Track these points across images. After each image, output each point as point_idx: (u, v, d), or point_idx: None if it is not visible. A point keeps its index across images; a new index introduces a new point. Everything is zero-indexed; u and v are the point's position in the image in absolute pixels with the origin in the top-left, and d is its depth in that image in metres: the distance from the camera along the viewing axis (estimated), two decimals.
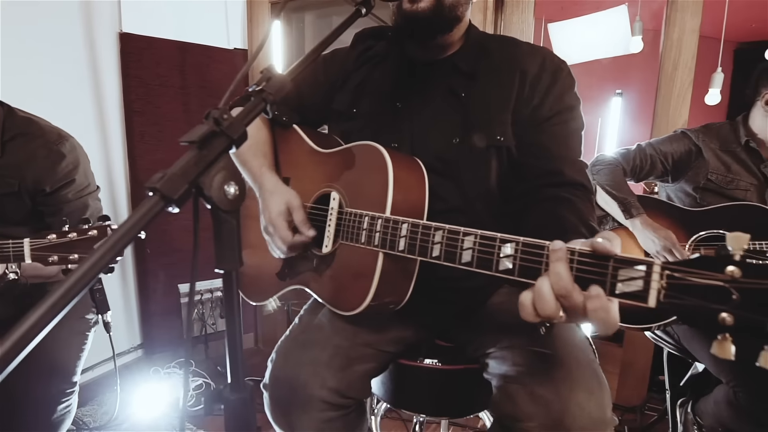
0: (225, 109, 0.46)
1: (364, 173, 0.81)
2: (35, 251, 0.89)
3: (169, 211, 0.41)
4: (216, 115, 0.44)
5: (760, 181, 1.28)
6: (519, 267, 0.58)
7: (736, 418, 1.13)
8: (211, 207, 0.45)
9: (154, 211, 0.39)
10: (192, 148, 0.44)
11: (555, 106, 0.84)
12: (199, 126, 0.45)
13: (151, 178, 0.41)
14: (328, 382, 0.78)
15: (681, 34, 1.75)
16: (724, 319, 0.45)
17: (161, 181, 0.39)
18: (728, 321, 0.45)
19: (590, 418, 0.65)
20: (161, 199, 0.40)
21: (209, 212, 0.48)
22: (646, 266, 0.49)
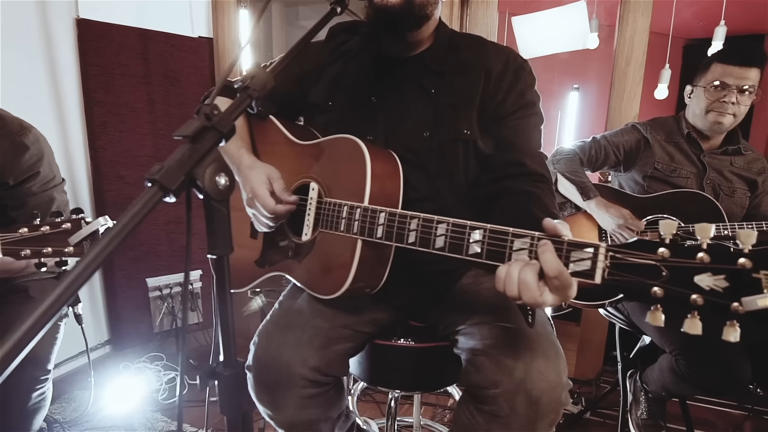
0: (215, 105, 0.49)
1: (342, 165, 0.85)
2: (6, 245, 0.87)
3: (165, 201, 0.44)
4: (207, 111, 0.47)
5: (699, 169, 1.41)
6: (486, 251, 0.64)
7: (678, 382, 1.27)
8: (203, 197, 0.48)
9: (153, 201, 0.42)
10: (185, 142, 0.47)
11: (517, 102, 0.90)
12: (191, 121, 0.48)
13: (150, 170, 0.43)
14: (309, 360, 0.83)
15: (633, 33, 1.88)
16: (655, 292, 0.53)
17: (160, 173, 0.42)
18: (659, 293, 0.53)
19: (548, 381, 0.73)
20: (160, 189, 0.42)
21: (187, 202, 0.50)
22: (593, 248, 0.57)
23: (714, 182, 1.39)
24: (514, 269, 0.60)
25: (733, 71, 1.29)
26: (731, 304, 0.48)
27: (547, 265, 0.58)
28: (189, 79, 2.27)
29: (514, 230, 0.63)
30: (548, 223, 0.60)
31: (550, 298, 0.58)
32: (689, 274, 0.51)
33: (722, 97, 1.30)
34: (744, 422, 1.77)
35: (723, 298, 0.49)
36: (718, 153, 1.42)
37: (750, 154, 1.42)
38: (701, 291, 0.50)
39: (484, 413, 0.78)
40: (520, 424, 0.74)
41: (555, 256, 0.58)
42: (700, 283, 0.51)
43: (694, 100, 1.39)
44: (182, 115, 2.28)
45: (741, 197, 1.39)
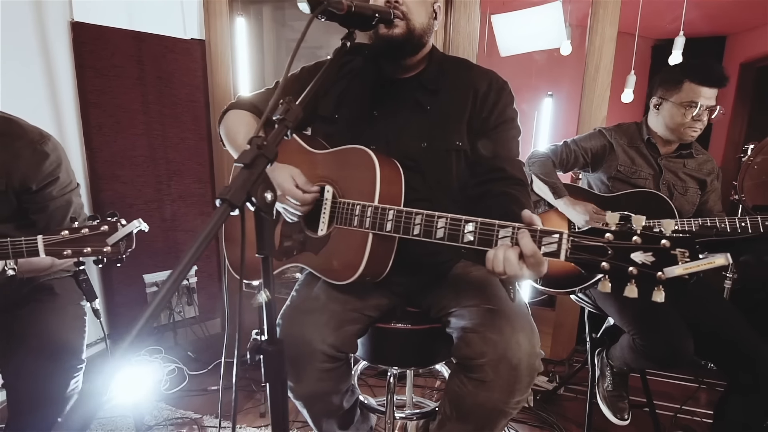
0: (263, 137, 0.61)
1: (354, 170, 0.98)
2: (49, 246, 0.96)
3: (230, 214, 0.55)
4: (258, 142, 0.59)
5: (656, 171, 1.59)
6: (478, 239, 0.80)
7: (635, 357, 1.46)
8: (255, 209, 0.60)
9: (225, 215, 0.54)
10: (243, 168, 0.58)
11: (499, 118, 1.06)
12: (245, 150, 0.60)
13: (220, 190, 0.55)
14: (327, 338, 0.96)
15: (602, 42, 2.05)
16: (603, 266, 0.70)
17: (229, 193, 0.54)
18: (606, 267, 0.70)
19: (525, 351, 0.89)
20: (229, 206, 0.54)
21: (242, 217, 0.60)
22: (558, 235, 0.73)
23: (669, 182, 1.58)
24: (500, 251, 0.76)
25: (704, 92, 1.43)
26: (656, 273, 0.66)
27: (525, 248, 0.74)
28: (182, 80, 2.34)
29: (499, 222, 0.79)
30: (526, 214, 0.76)
31: (528, 273, 0.75)
32: (627, 252, 0.68)
33: (695, 115, 1.45)
34: (697, 393, 2.00)
35: (651, 269, 0.67)
36: (673, 156, 1.60)
37: (701, 157, 1.61)
38: (636, 264, 0.68)
39: (472, 380, 0.93)
40: (502, 387, 0.90)
41: (531, 240, 0.74)
42: (635, 259, 0.68)
43: (664, 113, 1.53)
44: (176, 115, 2.35)
45: (693, 195, 1.58)
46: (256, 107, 1.17)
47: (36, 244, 0.97)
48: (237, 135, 1.12)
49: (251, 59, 2.41)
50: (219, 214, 0.53)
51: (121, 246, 0.96)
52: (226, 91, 2.39)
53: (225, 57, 2.36)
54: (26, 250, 0.98)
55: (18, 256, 0.98)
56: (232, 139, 1.13)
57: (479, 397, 0.93)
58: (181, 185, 2.43)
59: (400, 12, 0.98)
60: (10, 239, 0.99)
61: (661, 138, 1.58)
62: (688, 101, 1.46)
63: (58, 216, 1.27)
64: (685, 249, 0.63)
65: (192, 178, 2.46)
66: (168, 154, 2.36)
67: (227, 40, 2.33)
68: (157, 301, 0.46)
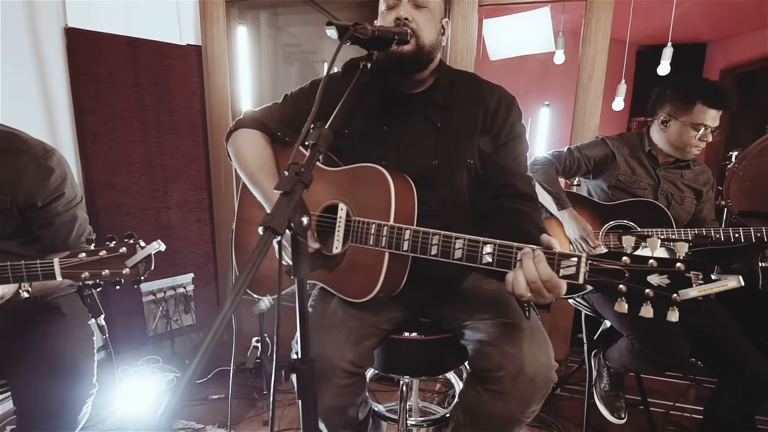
0: (301, 164, 0.62)
1: (368, 189, 1.00)
2: (66, 269, 0.95)
3: (274, 241, 0.57)
4: (296, 169, 0.61)
5: (655, 182, 1.64)
6: (497, 261, 0.82)
7: (634, 360, 1.51)
8: (292, 234, 0.62)
9: (269, 242, 0.55)
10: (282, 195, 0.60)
11: (509, 135, 1.09)
12: (285, 177, 0.61)
13: (263, 219, 0.56)
14: (347, 355, 0.98)
15: (594, 52, 2.10)
16: (621, 288, 0.73)
17: (272, 221, 0.56)
18: (623, 289, 0.73)
19: (541, 364, 0.92)
20: (272, 233, 0.56)
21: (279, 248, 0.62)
22: (576, 258, 0.75)
23: (667, 192, 1.63)
24: (519, 274, 0.78)
25: (714, 115, 1.49)
26: (672, 295, 0.69)
27: (542, 273, 0.77)
28: (178, 86, 2.32)
29: (517, 245, 0.81)
30: (544, 238, 0.79)
31: (548, 295, 0.77)
32: (644, 275, 0.71)
33: (702, 135, 1.51)
34: (687, 390, 2.08)
35: (667, 291, 0.70)
36: (672, 167, 1.65)
37: (697, 168, 1.67)
38: (652, 287, 0.71)
39: (489, 391, 0.96)
40: (519, 398, 0.93)
41: (547, 265, 0.77)
42: (651, 281, 0.71)
43: (672, 131, 1.57)
44: (172, 122, 2.32)
45: (689, 205, 1.64)
46: (264, 124, 1.18)
47: (52, 267, 0.96)
48: (247, 159, 1.13)
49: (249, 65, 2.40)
50: (263, 242, 0.54)
51: (141, 268, 0.96)
52: (224, 96, 2.38)
53: (222, 63, 2.34)
54: (42, 274, 0.96)
55: (33, 280, 0.97)
56: (242, 161, 1.14)
57: (495, 408, 0.96)
58: (178, 192, 2.41)
59: (409, 29, 1.00)
60: (25, 262, 0.97)
61: (662, 151, 1.64)
62: (699, 123, 1.50)
63: (63, 231, 1.25)
64: (699, 272, 0.66)
65: (189, 185, 2.44)
66: (164, 161, 2.33)
67: (224, 46, 2.32)
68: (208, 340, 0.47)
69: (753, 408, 1.48)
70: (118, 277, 0.96)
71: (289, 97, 1.21)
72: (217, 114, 2.41)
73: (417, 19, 1.02)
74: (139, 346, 2.38)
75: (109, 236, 0.99)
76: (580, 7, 2.13)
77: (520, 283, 0.77)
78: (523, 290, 0.77)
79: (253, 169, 1.11)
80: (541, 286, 0.76)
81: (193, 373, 0.45)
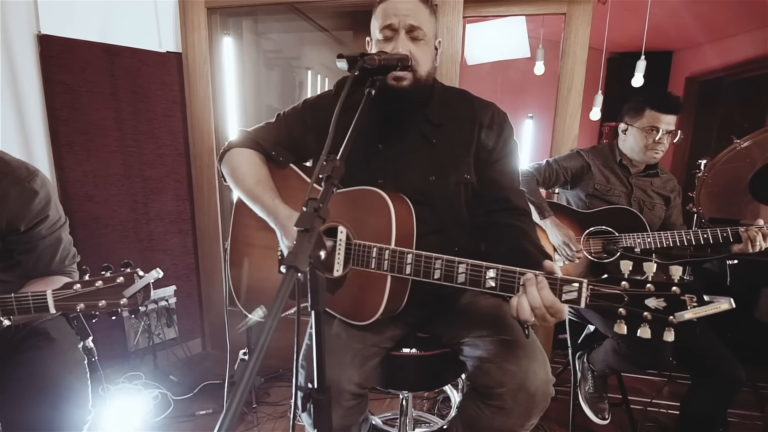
0: (318, 199, 0.63)
1: (367, 213, 1.00)
2: (60, 302, 0.91)
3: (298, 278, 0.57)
4: (315, 205, 0.61)
5: (628, 189, 1.74)
6: (500, 285, 0.84)
7: (619, 360, 1.59)
8: (310, 267, 0.62)
9: (293, 281, 0.56)
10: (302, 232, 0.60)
11: (503, 150, 1.12)
12: (303, 214, 0.61)
13: (285, 258, 0.57)
14: (353, 378, 0.98)
15: (573, 65, 2.18)
16: (620, 312, 0.77)
17: (295, 260, 0.56)
18: (623, 312, 0.77)
19: (540, 379, 0.96)
20: (296, 271, 0.56)
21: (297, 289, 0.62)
22: (578, 283, 0.79)
23: (639, 199, 1.72)
24: (524, 300, 0.81)
25: (664, 118, 1.61)
26: (668, 317, 0.73)
27: (545, 299, 0.80)
28: (157, 94, 2.26)
29: (520, 270, 0.83)
30: (547, 264, 0.82)
31: (550, 320, 0.80)
32: (642, 299, 0.75)
33: (656, 138, 1.61)
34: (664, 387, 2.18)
35: (663, 313, 0.74)
36: (642, 176, 1.75)
37: (664, 176, 1.78)
38: (650, 309, 0.75)
39: (490, 407, 0.99)
40: (519, 414, 0.96)
41: (550, 291, 0.80)
42: (649, 304, 0.75)
43: (630, 138, 1.69)
44: (151, 131, 2.26)
45: (659, 210, 1.74)
46: (258, 144, 1.17)
47: (45, 299, 0.92)
48: (244, 176, 1.12)
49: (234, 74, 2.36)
50: (287, 281, 0.55)
51: (139, 297, 0.93)
52: (206, 105, 2.33)
53: (204, 70, 2.30)
54: (34, 306, 0.92)
55: (24, 313, 0.93)
56: (239, 179, 1.13)
57: (496, 422, 0.99)
58: (158, 203, 2.35)
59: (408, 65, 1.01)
60: (15, 294, 0.93)
61: (630, 159, 1.73)
62: (649, 126, 1.62)
63: (46, 255, 1.21)
64: (693, 294, 0.71)
65: (170, 195, 2.38)
66: (144, 172, 2.27)
67: (206, 54, 2.27)
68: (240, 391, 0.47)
69: (726, 404, 1.57)
70: (116, 307, 0.93)
71: (282, 117, 1.21)
72: (199, 122, 2.36)
73: (415, 53, 1.03)
74: (120, 363, 2.31)
75: (105, 265, 0.96)
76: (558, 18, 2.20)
77: (525, 309, 0.80)
78: (527, 316, 0.80)
79: (251, 185, 1.10)
80: (545, 311, 0.79)
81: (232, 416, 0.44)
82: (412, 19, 1.01)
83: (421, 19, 1.03)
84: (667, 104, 1.62)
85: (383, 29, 1.03)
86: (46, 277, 1.21)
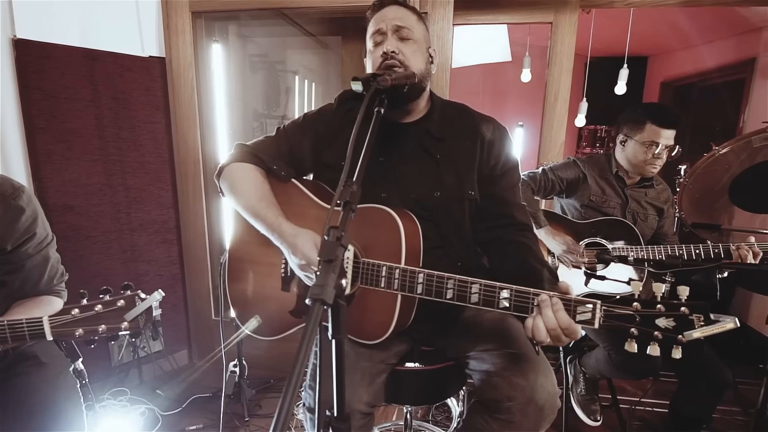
0: (340, 228, 0.62)
1: (375, 230, 0.99)
2: (57, 328, 0.87)
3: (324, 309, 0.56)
4: (337, 234, 0.60)
5: (623, 200, 1.76)
6: (514, 306, 0.85)
7: (611, 369, 1.63)
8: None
9: (321, 313, 0.54)
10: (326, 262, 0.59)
11: (505, 166, 1.13)
12: (326, 244, 0.60)
13: (311, 290, 0.55)
14: (363, 397, 0.98)
15: (559, 73, 2.22)
16: (632, 332, 0.79)
17: (322, 293, 0.55)
18: (634, 332, 0.78)
19: (548, 392, 0.97)
20: (323, 304, 0.55)
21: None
22: (592, 305, 0.81)
23: (634, 211, 1.76)
24: (540, 322, 0.82)
25: (664, 133, 1.61)
26: (677, 336, 0.75)
27: (561, 321, 0.81)
28: (140, 100, 2.19)
29: (534, 290, 0.84)
30: (561, 285, 0.83)
31: (565, 340, 0.81)
32: (652, 318, 0.78)
33: (656, 153, 1.63)
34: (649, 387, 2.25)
35: (673, 333, 0.76)
36: (637, 187, 1.78)
37: (659, 187, 1.81)
38: (660, 329, 0.77)
39: (498, 420, 0.99)
40: (528, 427, 0.97)
41: (566, 313, 0.81)
42: (659, 324, 0.77)
43: (629, 150, 1.70)
44: (134, 138, 2.19)
45: (652, 221, 1.77)
46: (259, 158, 1.15)
47: (41, 326, 0.88)
48: (246, 192, 1.10)
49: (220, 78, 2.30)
50: (315, 314, 0.54)
51: (141, 321, 0.90)
52: (191, 111, 2.27)
53: (188, 75, 2.23)
54: (29, 334, 0.88)
55: (19, 341, 0.88)
56: (240, 195, 1.10)
57: None
58: (142, 212, 2.27)
59: (397, 61, 1.02)
60: (8, 321, 0.88)
61: (626, 171, 1.76)
62: (649, 141, 1.63)
63: (34, 275, 1.15)
64: (700, 314, 0.73)
65: (153, 204, 2.31)
66: (126, 180, 2.20)
67: (191, 59, 2.21)
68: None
69: (714, 404, 1.63)
70: (116, 332, 0.90)
71: (282, 131, 1.19)
72: (184, 129, 2.30)
73: (403, 50, 1.04)
74: (103, 378, 2.23)
75: (104, 288, 0.92)
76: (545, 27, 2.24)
77: (541, 330, 0.81)
78: (543, 337, 0.81)
79: (253, 202, 1.08)
80: (561, 333, 0.80)
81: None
82: (398, 20, 1.06)
83: (408, 21, 1.08)
84: (669, 119, 1.62)
85: (373, 35, 1.08)
86: (33, 298, 1.16)
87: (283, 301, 1.10)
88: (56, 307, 1.23)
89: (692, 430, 1.65)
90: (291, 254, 1.01)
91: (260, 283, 1.15)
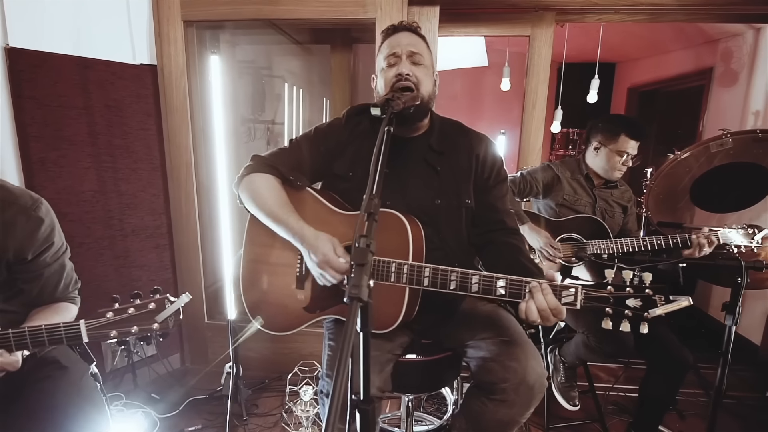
0: (369, 236, 0.72)
1: (385, 232, 1.10)
2: (93, 330, 0.93)
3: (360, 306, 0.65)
4: (367, 242, 0.70)
5: (593, 200, 1.95)
6: (509, 293, 0.99)
7: (589, 353, 1.78)
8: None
9: (358, 310, 0.64)
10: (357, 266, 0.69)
11: (497, 178, 1.27)
12: (358, 249, 0.70)
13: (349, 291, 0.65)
14: (375, 382, 1.08)
15: (537, 84, 2.38)
16: (607, 311, 0.94)
17: (359, 292, 0.64)
18: (609, 311, 0.94)
19: (538, 374, 1.10)
20: (359, 301, 0.65)
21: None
22: (574, 289, 0.94)
23: (602, 209, 1.94)
24: (532, 305, 0.95)
25: (634, 145, 1.85)
26: (644, 313, 0.92)
27: (551, 303, 0.95)
28: (132, 108, 2.21)
29: (526, 279, 0.98)
30: (548, 274, 0.96)
31: (553, 320, 0.96)
32: (623, 299, 0.93)
33: (625, 160, 1.85)
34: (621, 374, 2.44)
35: (640, 311, 0.92)
36: (603, 187, 1.97)
37: (622, 188, 2.01)
38: (630, 308, 0.93)
39: (494, 401, 1.11)
40: (521, 404, 1.10)
41: (554, 296, 0.96)
42: (629, 304, 0.93)
43: (602, 156, 1.90)
44: (126, 145, 2.21)
45: (618, 218, 1.96)
46: (277, 169, 1.24)
47: (79, 330, 0.93)
48: (267, 199, 1.19)
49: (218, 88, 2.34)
50: (353, 311, 0.63)
51: (170, 322, 0.97)
52: (183, 118, 2.31)
53: (180, 83, 2.27)
54: (67, 337, 0.93)
55: (56, 344, 0.93)
56: (262, 202, 1.19)
57: (499, 414, 1.12)
58: (134, 219, 2.30)
59: (411, 83, 1.13)
60: (45, 325, 0.93)
61: (596, 174, 1.94)
62: (622, 150, 1.84)
63: (51, 283, 1.20)
64: (661, 295, 0.89)
65: (145, 210, 2.34)
66: (119, 187, 2.22)
67: (183, 67, 2.25)
68: None
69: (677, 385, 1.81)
70: (147, 332, 0.96)
71: (295, 143, 1.28)
72: (176, 136, 2.33)
73: (416, 73, 1.16)
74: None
75: (135, 292, 0.98)
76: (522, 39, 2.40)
77: (533, 311, 0.95)
78: (535, 317, 0.95)
79: (275, 208, 1.17)
80: (549, 313, 0.94)
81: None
82: (412, 47, 1.18)
83: (420, 48, 1.20)
84: (641, 132, 1.86)
85: (388, 57, 1.19)
86: (51, 305, 1.20)
87: (296, 299, 1.19)
88: (72, 313, 1.28)
89: (660, 411, 1.82)
90: (311, 254, 1.10)
91: (273, 283, 1.23)
